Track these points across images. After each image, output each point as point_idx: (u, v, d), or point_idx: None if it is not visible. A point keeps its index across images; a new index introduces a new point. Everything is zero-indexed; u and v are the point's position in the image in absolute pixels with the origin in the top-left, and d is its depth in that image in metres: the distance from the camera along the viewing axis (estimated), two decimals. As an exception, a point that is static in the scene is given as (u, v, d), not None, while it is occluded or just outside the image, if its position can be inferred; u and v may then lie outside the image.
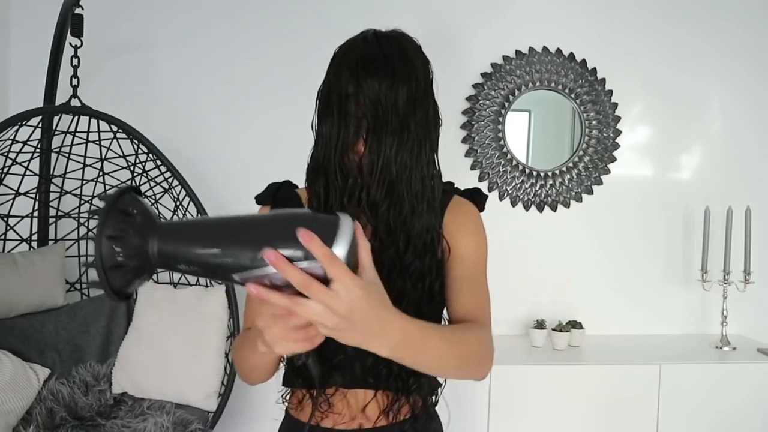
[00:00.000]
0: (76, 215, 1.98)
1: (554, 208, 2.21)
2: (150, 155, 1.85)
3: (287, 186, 0.92)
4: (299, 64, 2.10)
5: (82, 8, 1.71)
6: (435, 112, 0.83)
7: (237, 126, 2.11)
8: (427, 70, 0.83)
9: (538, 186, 2.19)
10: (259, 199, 0.92)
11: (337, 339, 0.56)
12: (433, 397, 0.88)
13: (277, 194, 0.90)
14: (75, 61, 1.76)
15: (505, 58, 2.16)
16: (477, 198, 0.90)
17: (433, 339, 0.65)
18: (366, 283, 0.55)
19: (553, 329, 2.04)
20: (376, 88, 0.75)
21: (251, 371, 0.84)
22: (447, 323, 0.84)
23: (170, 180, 1.89)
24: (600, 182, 2.22)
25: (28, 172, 1.86)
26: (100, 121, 1.79)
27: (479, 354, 0.74)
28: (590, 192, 2.22)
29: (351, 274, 0.53)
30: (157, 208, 1.97)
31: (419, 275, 0.79)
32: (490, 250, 0.87)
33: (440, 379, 0.88)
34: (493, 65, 2.16)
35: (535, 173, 2.19)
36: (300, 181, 1.05)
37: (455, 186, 0.92)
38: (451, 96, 2.13)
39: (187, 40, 2.07)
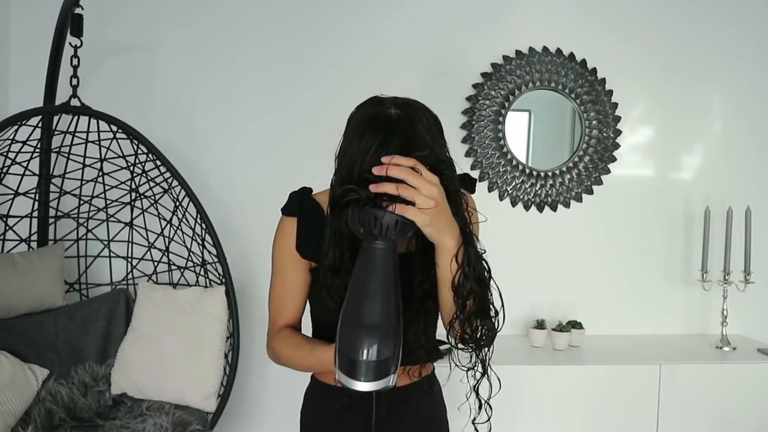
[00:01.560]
0: (76, 215, 1.98)
1: (554, 208, 2.21)
2: (150, 155, 1.85)
3: (307, 194, 0.97)
4: (299, 64, 2.10)
5: (82, 8, 1.70)
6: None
7: (237, 126, 2.11)
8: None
9: (538, 186, 2.19)
10: (286, 210, 0.99)
11: (427, 222, 0.74)
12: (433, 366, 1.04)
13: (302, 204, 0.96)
14: (75, 61, 1.76)
15: (505, 58, 2.16)
16: (468, 184, 0.98)
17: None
18: None
19: (553, 329, 2.04)
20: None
21: (300, 369, 0.97)
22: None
23: (170, 180, 1.89)
24: (600, 182, 2.22)
25: (27, 172, 1.86)
26: (100, 121, 1.78)
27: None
28: (590, 192, 2.22)
29: None
30: (157, 209, 1.97)
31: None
32: (490, 250, 0.89)
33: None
34: (493, 65, 2.16)
35: (535, 173, 2.19)
36: (299, 182, 1.05)
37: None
38: (451, 96, 2.13)
39: (187, 40, 2.07)
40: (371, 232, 0.75)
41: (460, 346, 0.86)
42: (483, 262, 0.84)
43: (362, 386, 0.73)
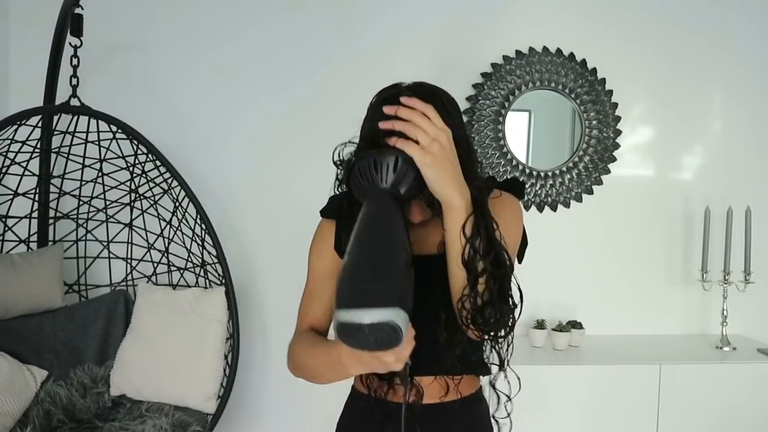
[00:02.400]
0: (75, 216, 1.97)
1: (554, 208, 2.21)
2: (149, 156, 1.84)
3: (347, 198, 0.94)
4: (300, 65, 2.10)
5: (82, 8, 1.70)
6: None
7: (237, 127, 2.11)
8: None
9: (538, 186, 2.19)
10: (325, 212, 0.97)
11: (431, 166, 0.70)
12: (485, 378, 0.97)
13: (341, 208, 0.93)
14: (75, 61, 1.76)
15: (505, 58, 2.16)
16: (515, 187, 0.97)
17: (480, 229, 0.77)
18: None
19: (553, 329, 2.03)
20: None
21: (319, 379, 0.87)
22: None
23: (169, 180, 1.89)
24: (600, 182, 2.22)
25: (27, 173, 1.85)
26: (100, 121, 1.78)
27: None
28: (590, 192, 2.22)
29: None
30: (156, 210, 1.96)
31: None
32: None
33: (492, 368, 0.96)
34: (493, 65, 2.16)
35: (535, 173, 2.19)
36: (300, 182, 1.05)
37: (495, 178, 0.98)
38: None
39: (186, 40, 2.06)
40: (371, 179, 0.71)
41: (472, 331, 0.79)
42: (499, 244, 0.77)
43: (350, 315, 0.61)
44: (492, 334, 0.80)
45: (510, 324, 0.80)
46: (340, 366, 0.73)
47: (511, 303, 0.79)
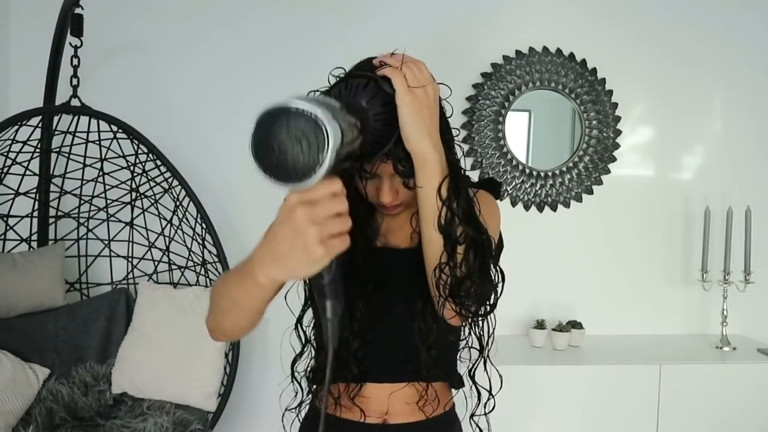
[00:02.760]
0: (76, 215, 1.98)
1: (554, 208, 2.21)
2: (150, 155, 1.85)
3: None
4: (300, 66, 2.10)
5: (82, 8, 1.70)
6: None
7: (237, 125, 2.11)
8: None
9: (538, 186, 2.19)
10: None
11: (411, 106, 0.65)
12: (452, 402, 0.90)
13: None
14: (75, 61, 1.76)
15: (505, 58, 2.16)
16: (492, 187, 0.93)
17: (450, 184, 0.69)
18: None
19: (553, 329, 2.04)
20: None
21: (232, 313, 0.70)
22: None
23: (170, 180, 1.89)
24: (600, 182, 2.22)
25: (27, 172, 1.86)
26: (100, 121, 1.79)
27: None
28: (590, 192, 2.22)
29: None
30: (157, 208, 1.97)
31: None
32: None
33: (465, 381, 0.90)
34: (493, 65, 2.16)
35: (535, 173, 2.19)
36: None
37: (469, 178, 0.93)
38: (451, 96, 2.13)
39: (187, 40, 2.07)
40: (338, 94, 0.64)
41: (449, 304, 0.70)
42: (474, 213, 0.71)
43: (274, 102, 0.49)
44: (472, 310, 0.71)
45: (491, 302, 0.72)
46: (249, 271, 0.59)
47: (493, 279, 0.72)
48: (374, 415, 0.85)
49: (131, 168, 1.92)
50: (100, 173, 1.94)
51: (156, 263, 2.00)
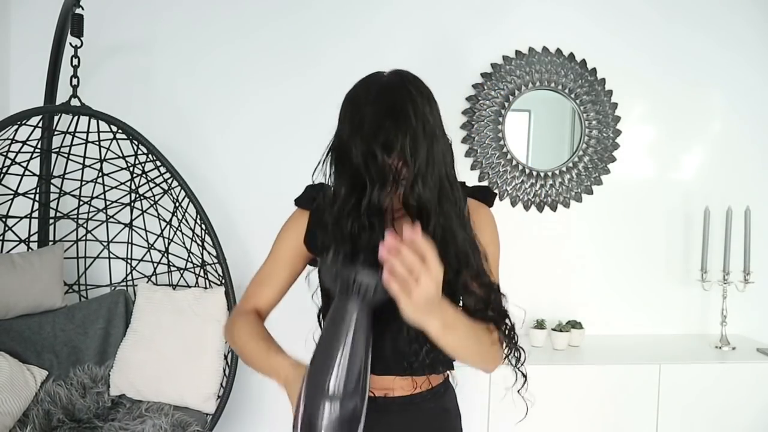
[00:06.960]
0: (75, 216, 1.97)
1: (554, 208, 2.21)
2: (149, 156, 1.85)
3: (325, 189, 0.94)
4: (300, 66, 2.10)
5: (82, 8, 1.70)
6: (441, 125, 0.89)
7: (236, 127, 2.11)
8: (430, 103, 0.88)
9: (538, 186, 2.19)
10: (300, 202, 0.99)
11: (411, 310, 0.67)
12: (447, 373, 1.00)
13: (317, 198, 0.94)
14: (75, 61, 1.76)
15: (505, 58, 2.16)
16: (487, 197, 0.96)
17: (468, 331, 0.79)
18: None
19: (553, 329, 2.03)
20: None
21: (249, 364, 0.93)
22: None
23: (170, 181, 1.89)
24: (600, 182, 2.23)
25: (27, 173, 1.85)
26: (100, 122, 1.78)
27: (494, 353, 0.90)
28: (590, 192, 2.22)
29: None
30: (157, 210, 1.97)
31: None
32: None
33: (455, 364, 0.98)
34: (493, 65, 2.16)
35: (535, 173, 2.19)
36: (300, 183, 1.05)
37: (464, 184, 0.95)
38: (451, 96, 2.13)
39: (187, 41, 2.07)
40: (348, 288, 0.76)
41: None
42: (493, 288, 0.85)
43: None
44: (505, 348, 0.88)
45: (514, 340, 0.89)
46: (273, 374, 0.86)
47: (508, 321, 0.87)
48: (375, 392, 0.92)
49: (131, 169, 1.92)
50: (100, 174, 1.93)
51: (155, 265, 2.00)
